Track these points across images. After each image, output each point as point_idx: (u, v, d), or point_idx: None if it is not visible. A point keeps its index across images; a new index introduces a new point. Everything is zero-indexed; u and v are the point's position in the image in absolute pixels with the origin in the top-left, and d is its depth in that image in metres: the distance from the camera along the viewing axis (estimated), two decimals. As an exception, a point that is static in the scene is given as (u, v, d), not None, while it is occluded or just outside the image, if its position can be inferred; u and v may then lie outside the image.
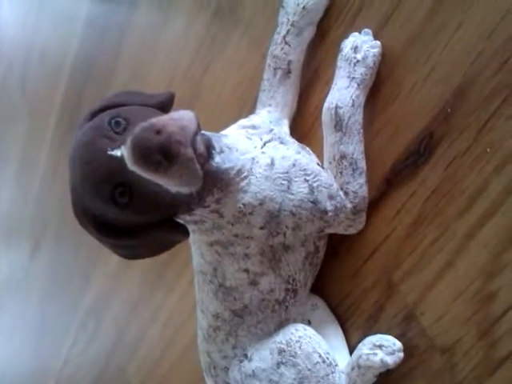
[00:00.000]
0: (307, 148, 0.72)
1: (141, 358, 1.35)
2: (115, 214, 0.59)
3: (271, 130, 0.71)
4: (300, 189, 0.67)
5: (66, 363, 1.86)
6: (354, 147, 0.68)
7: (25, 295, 2.16)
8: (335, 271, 0.76)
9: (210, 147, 0.61)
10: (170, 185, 0.57)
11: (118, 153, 0.56)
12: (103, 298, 1.50)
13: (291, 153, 0.68)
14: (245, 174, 0.65)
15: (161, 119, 0.54)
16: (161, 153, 0.52)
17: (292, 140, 0.72)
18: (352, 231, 0.72)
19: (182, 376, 1.19)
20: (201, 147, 0.56)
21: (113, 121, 0.59)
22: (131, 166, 0.55)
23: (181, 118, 0.55)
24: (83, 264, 1.59)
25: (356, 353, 0.70)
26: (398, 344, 0.67)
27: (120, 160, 0.56)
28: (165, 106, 0.66)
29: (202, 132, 0.60)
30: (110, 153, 0.57)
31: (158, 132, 0.52)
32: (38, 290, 2.00)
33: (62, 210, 1.68)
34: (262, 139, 0.70)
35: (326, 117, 0.69)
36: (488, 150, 0.59)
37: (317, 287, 0.78)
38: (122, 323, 1.42)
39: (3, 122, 2.06)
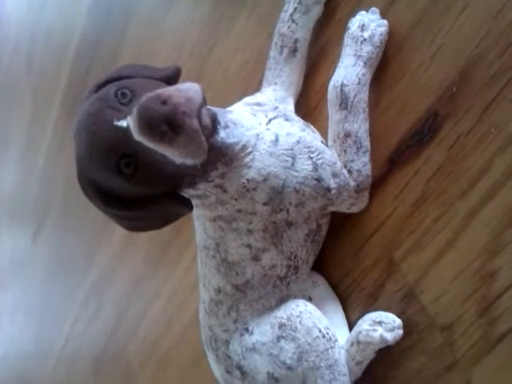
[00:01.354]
0: (312, 126, 0.72)
1: (142, 337, 1.36)
2: (120, 185, 0.60)
3: (276, 108, 0.72)
4: (304, 166, 0.67)
5: (67, 342, 1.88)
6: (359, 125, 0.68)
7: (28, 275, 2.17)
8: (337, 249, 0.77)
9: (215, 121, 0.61)
10: (175, 156, 0.57)
11: (123, 123, 0.57)
12: (105, 277, 1.51)
13: (296, 130, 0.69)
14: (249, 149, 0.65)
15: (167, 90, 0.54)
16: (166, 123, 0.53)
17: (297, 118, 0.72)
18: (355, 210, 0.72)
19: (182, 354, 1.20)
20: (206, 119, 0.57)
21: (119, 92, 0.59)
22: (137, 136, 0.55)
23: (187, 89, 0.55)
24: (86, 244, 1.60)
25: (356, 329, 0.70)
26: (398, 321, 0.68)
27: (126, 130, 0.56)
28: (171, 79, 0.66)
29: (208, 107, 0.60)
30: (115, 123, 0.57)
31: (164, 102, 0.53)
32: (41, 269, 2.01)
33: (65, 191, 1.68)
34: (267, 116, 0.70)
35: (331, 94, 0.69)
36: (492, 130, 0.59)
37: (318, 265, 0.78)
38: (123, 302, 1.43)
39: (8, 102, 2.06)
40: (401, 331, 0.68)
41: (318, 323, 0.70)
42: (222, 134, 0.62)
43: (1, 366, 2.82)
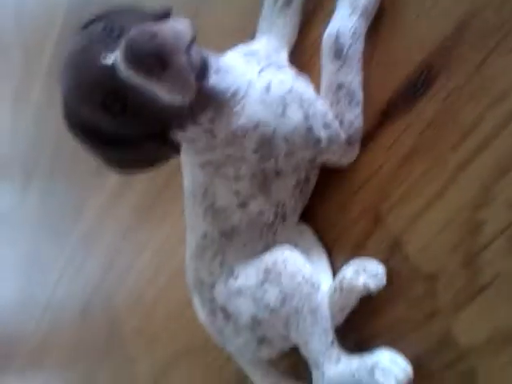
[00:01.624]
0: (305, 77, 0.72)
1: (129, 287, 1.37)
2: (108, 123, 0.60)
3: (270, 56, 0.71)
4: (295, 115, 0.66)
5: (55, 292, 1.89)
6: (353, 77, 0.68)
7: (16, 228, 2.17)
8: (325, 201, 0.77)
9: (206, 64, 0.61)
10: (163, 93, 0.57)
11: (111, 59, 0.56)
12: (94, 228, 1.52)
13: (288, 79, 0.68)
14: (240, 95, 0.65)
15: (156, 25, 0.53)
16: (154, 57, 0.52)
17: (290, 68, 0.72)
18: (344, 162, 0.72)
19: (169, 301, 1.21)
20: (195, 58, 0.56)
21: (107, 27, 0.59)
22: (124, 70, 0.55)
23: (177, 25, 0.55)
24: (75, 197, 1.60)
25: (339, 275, 0.70)
26: (382, 268, 0.68)
27: (113, 67, 0.56)
28: (161, 19, 0.65)
29: (201, 50, 0.60)
30: (103, 59, 0.56)
31: (153, 37, 0.52)
32: (30, 222, 2.01)
33: (55, 144, 1.67)
34: (259, 64, 0.69)
35: (326, 45, 0.69)
36: (486, 84, 0.59)
37: (306, 215, 0.79)
38: (111, 252, 1.43)
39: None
40: (384, 279, 0.68)
41: (302, 268, 0.70)
42: (214, 78, 0.61)
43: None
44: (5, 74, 1.96)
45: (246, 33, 0.89)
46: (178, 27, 0.54)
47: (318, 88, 0.71)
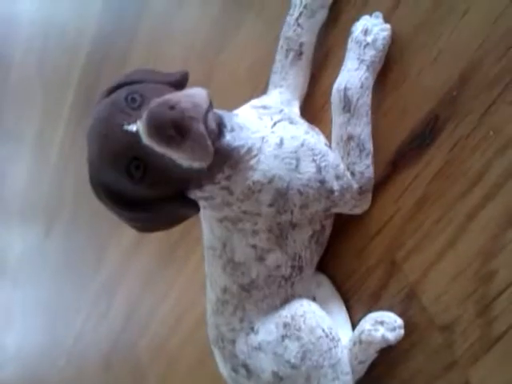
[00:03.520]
0: (316, 129, 0.74)
1: (151, 334, 1.38)
2: (130, 187, 0.62)
3: (281, 111, 0.73)
4: (308, 168, 0.68)
5: (78, 338, 1.89)
6: (362, 128, 0.70)
7: (39, 272, 2.19)
8: (341, 250, 0.78)
9: (221, 125, 0.62)
10: (182, 159, 0.59)
11: (133, 128, 0.58)
12: (116, 275, 1.53)
13: (300, 133, 0.70)
14: (254, 152, 0.66)
15: (175, 95, 0.56)
16: (174, 127, 0.55)
17: (302, 121, 0.73)
18: (357, 211, 0.73)
19: (191, 351, 1.21)
20: (212, 124, 0.58)
21: (129, 97, 0.61)
22: (146, 140, 0.57)
23: (194, 95, 0.57)
24: (97, 242, 1.61)
25: (358, 328, 0.72)
26: (399, 321, 0.69)
27: (135, 135, 0.58)
28: (179, 84, 0.67)
29: (214, 110, 0.62)
30: (126, 127, 0.59)
31: (172, 107, 0.54)
32: (52, 267, 2.03)
33: (77, 189, 1.70)
34: (272, 119, 0.71)
35: (335, 98, 0.71)
36: (491, 133, 0.60)
37: (322, 265, 0.80)
38: (133, 300, 1.44)
39: (20, 99, 2.07)
40: (402, 331, 0.69)
41: (321, 323, 0.71)
42: (228, 137, 0.63)
43: (14, 363, 2.84)
44: (27, 119, 2.00)
45: (259, 84, 0.92)
46: (195, 96, 0.57)
47: (329, 136, 0.73)
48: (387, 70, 0.71)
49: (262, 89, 0.89)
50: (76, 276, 1.81)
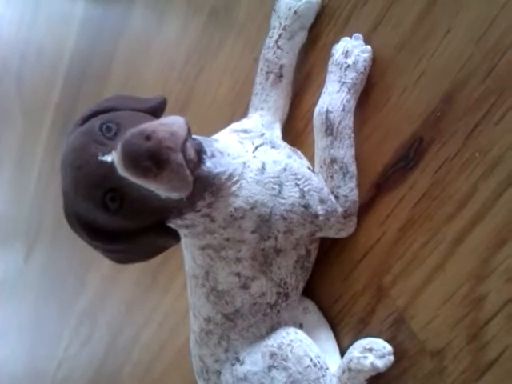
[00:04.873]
0: (299, 152, 0.73)
1: (134, 361, 1.35)
2: (106, 219, 0.60)
3: (263, 135, 0.72)
4: (291, 193, 0.67)
5: (61, 365, 1.86)
6: (345, 151, 0.69)
7: (19, 297, 2.16)
8: (326, 275, 0.77)
9: (201, 152, 0.61)
10: (160, 190, 0.57)
11: (108, 158, 0.57)
12: (97, 300, 1.51)
13: (282, 157, 0.69)
14: (236, 178, 0.65)
15: (151, 125, 0.54)
16: (150, 158, 0.52)
17: (284, 144, 0.72)
18: (343, 235, 0.72)
19: (175, 379, 1.19)
20: (191, 153, 0.57)
21: (104, 126, 0.59)
22: (121, 171, 0.55)
23: (171, 123, 0.55)
24: (78, 266, 1.59)
25: (347, 356, 0.70)
26: (388, 347, 0.68)
27: (110, 165, 0.56)
28: (156, 110, 0.66)
29: (194, 137, 0.60)
30: (100, 158, 0.57)
31: (148, 138, 0.52)
32: (33, 291, 2.00)
33: (56, 213, 1.68)
34: (253, 143, 0.70)
35: (316, 121, 0.70)
36: (477, 154, 0.60)
37: (308, 291, 0.78)
38: (116, 326, 1.42)
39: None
40: (392, 358, 0.68)
41: (308, 351, 0.70)
42: (209, 164, 0.61)
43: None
44: (7, 140, 1.98)
45: (239, 106, 0.91)
46: (172, 125, 0.55)
47: (312, 158, 0.72)
48: (369, 91, 0.70)
49: (241, 112, 0.88)
50: (57, 301, 1.79)
